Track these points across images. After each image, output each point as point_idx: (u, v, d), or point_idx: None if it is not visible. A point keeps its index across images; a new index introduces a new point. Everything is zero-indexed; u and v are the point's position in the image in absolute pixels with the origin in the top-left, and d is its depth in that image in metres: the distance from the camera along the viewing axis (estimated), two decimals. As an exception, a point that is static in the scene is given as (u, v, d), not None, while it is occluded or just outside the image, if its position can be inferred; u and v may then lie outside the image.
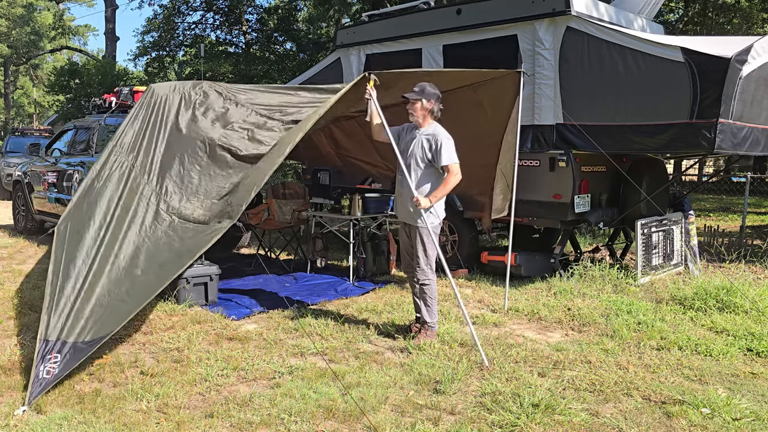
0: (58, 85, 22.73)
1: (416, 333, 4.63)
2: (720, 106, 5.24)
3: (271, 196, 7.57)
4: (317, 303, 5.65)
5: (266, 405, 3.45)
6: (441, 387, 3.69)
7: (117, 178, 4.56)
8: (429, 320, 4.60)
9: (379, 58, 7.81)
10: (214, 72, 22.59)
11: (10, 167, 14.88)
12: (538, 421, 3.26)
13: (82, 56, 35.31)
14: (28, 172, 9.73)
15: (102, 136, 7.76)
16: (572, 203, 6.16)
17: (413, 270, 4.60)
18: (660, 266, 6.68)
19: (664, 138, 5.61)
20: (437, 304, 4.72)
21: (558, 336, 4.79)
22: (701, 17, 18.39)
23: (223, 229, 4.17)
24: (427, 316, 4.60)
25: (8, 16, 37.15)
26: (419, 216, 4.41)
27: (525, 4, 6.38)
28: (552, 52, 6.26)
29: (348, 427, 3.25)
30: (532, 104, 6.35)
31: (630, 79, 5.74)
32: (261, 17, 25.36)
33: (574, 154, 6.20)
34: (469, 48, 6.91)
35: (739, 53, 5.28)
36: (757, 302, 5.31)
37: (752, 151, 5.77)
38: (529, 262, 6.53)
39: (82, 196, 4.53)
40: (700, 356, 4.33)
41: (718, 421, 3.30)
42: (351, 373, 3.92)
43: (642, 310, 5.21)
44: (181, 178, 4.68)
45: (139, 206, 4.43)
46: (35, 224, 9.52)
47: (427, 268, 4.55)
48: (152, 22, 25.74)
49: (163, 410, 3.39)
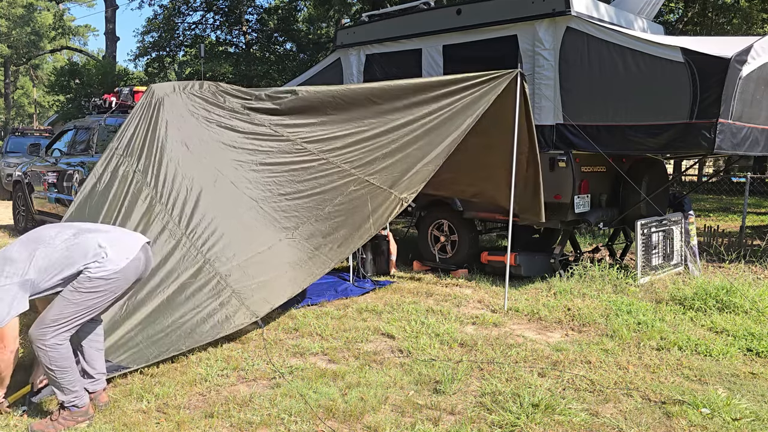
0: (58, 85, 22.77)
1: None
2: (720, 106, 5.24)
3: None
4: (317, 303, 5.65)
5: (266, 405, 3.45)
6: (441, 387, 3.69)
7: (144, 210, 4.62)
8: (63, 398, 3.17)
9: (379, 59, 7.81)
10: (215, 72, 22.60)
11: (10, 167, 14.89)
12: (538, 421, 3.26)
13: (82, 56, 35.36)
14: (28, 172, 9.73)
15: (102, 136, 7.76)
16: (572, 203, 6.16)
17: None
18: (660, 266, 6.68)
19: (664, 138, 5.61)
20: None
21: (558, 336, 4.79)
22: (701, 17, 18.40)
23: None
24: (60, 394, 3.19)
25: (8, 16, 37.16)
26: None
27: (525, 4, 6.38)
28: (552, 52, 6.26)
29: (348, 427, 3.25)
30: (532, 104, 6.34)
31: (630, 79, 5.74)
32: (261, 17, 25.38)
33: (574, 154, 6.21)
34: (469, 48, 6.91)
35: (739, 53, 5.28)
36: (757, 302, 5.31)
37: (752, 151, 5.77)
38: (529, 262, 6.54)
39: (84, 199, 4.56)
40: (700, 356, 4.33)
41: (718, 421, 3.30)
42: (351, 373, 3.92)
43: (642, 310, 5.21)
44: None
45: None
46: (35, 224, 9.52)
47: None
48: (152, 22, 25.76)
49: (163, 410, 3.39)
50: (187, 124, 5.02)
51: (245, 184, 4.97)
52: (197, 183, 4.80)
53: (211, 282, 4.40)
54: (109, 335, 3.89)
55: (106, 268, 3.12)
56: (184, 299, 4.25)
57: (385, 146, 5.01)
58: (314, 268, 4.76)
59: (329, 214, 4.91)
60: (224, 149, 5.03)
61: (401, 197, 4.87)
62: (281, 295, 4.60)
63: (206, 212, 4.69)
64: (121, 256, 3.18)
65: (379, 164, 4.97)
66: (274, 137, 5.14)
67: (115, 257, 3.16)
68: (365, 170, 4.99)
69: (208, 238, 4.58)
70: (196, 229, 4.59)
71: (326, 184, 4.99)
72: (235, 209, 4.84)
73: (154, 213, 4.57)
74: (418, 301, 5.69)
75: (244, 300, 4.40)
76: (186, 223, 4.59)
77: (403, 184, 4.91)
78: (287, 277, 4.70)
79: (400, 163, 4.96)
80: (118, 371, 3.76)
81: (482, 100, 5.01)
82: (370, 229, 4.81)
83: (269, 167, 5.06)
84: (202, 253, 4.49)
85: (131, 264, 3.22)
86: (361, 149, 5.05)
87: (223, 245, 4.60)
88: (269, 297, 4.55)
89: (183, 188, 4.74)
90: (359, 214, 4.87)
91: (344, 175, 5.00)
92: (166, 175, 4.75)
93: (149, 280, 4.23)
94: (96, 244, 3.16)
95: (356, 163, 5.02)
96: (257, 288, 4.53)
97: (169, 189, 4.70)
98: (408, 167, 4.94)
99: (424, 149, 4.95)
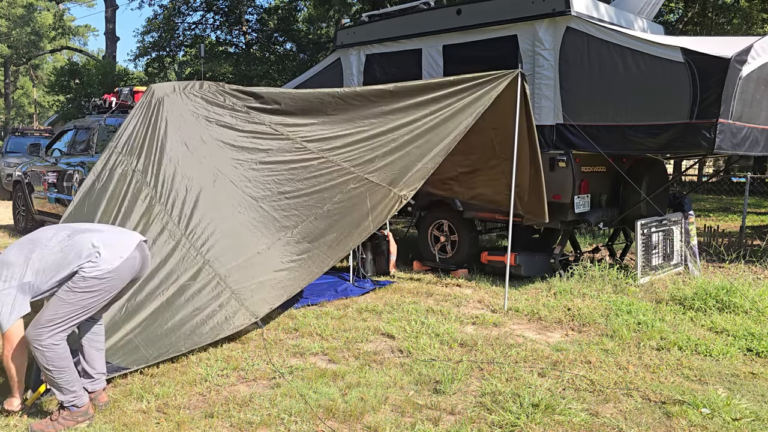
0: (58, 86, 22.77)
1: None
2: (720, 106, 5.24)
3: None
4: (317, 303, 5.65)
5: (266, 405, 3.45)
6: (441, 387, 3.69)
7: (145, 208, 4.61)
8: (62, 398, 3.18)
9: (379, 59, 7.81)
10: (215, 72, 22.61)
11: (10, 167, 14.88)
12: (538, 421, 3.26)
13: (82, 56, 35.36)
14: (28, 172, 9.73)
15: (102, 136, 7.76)
16: (572, 203, 6.16)
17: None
18: (660, 266, 6.68)
19: (664, 138, 5.61)
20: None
21: (558, 336, 4.79)
22: (701, 18, 18.40)
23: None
24: (59, 395, 3.19)
25: (8, 16, 37.17)
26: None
27: (525, 4, 6.38)
28: (552, 52, 6.26)
29: (348, 427, 3.25)
30: (532, 104, 6.35)
31: (630, 79, 5.74)
32: (261, 17, 25.39)
33: (573, 154, 6.21)
34: (469, 48, 6.91)
35: (739, 53, 5.28)
36: (757, 302, 5.31)
37: (752, 151, 5.77)
38: (529, 262, 6.54)
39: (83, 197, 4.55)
40: (700, 356, 4.33)
41: (718, 421, 3.30)
42: (351, 373, 3.92)
43: (642, 310, 5.21)
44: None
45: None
46: (35, 224, 9.51)
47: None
48: (152, 22, 25.77)
49: (163, 410, 3.39)
50: (187, 123, 5.02)
51: (245, 182, 4.97)
52: (197, 183, 4.80)
53: (210, 283, 4.39)
54: (110, 336, 3.88)
55: (100, 268, 3.12)
56: (184, 301, 4.25)
57: (384, 145, 5.02)
58: (314, 267, 4.76)
59: (328, 212, 4.92)
60: (224, 148, 5.03)
61: (400, 194, 4.88)
62: (281, 295, 4.61)
63: (206, 212, 4.69)
64: (114, 256, 3.18)
65: (378, 162, 4.98)
66: (274, 136, 5.14)
67: (108, 256, 3.15)
68: (365, 168, 4.99)
69: (208, 239, 4.58)
70: (196, 229, 4.59)
71: (326, 182, 5.00)
72: (235, 209, 4.84)
73: (153, 213, 4.57)
74: (418, 301, 5.69)
75: (244, 301, 4.40)
76: (185, 224, 4.59)
77: (403, 182, 4.92)
78: (287, 277, 4.70)
79: (400, 161, 4.96)
80: (119, 372, 3.76)
81: (483, 100, 5.02)
82: (369, 226, 4.81)
83: (269, 166, 5.06)
84: (202, 253, 4.48)
85: (125, 263, 3.21)
86: (361, 148, 5.05)
87: (223, 246, 4.60)
88: (269, 297, 4.55)
89: (182, 188, 4.74)
90: (358, 211, 4.88)
91: (344, 173, 5.00)
92: (166, 174, 4.75)
93: (149, 282, 4.23)
94: (90, 244, 3.17)
95: (356, 161, 5.03)
96: (256, 288, 4.53)
97: (169, 189, 4.70)
98: (407, 165, 4.95)
99: (424, 147, 4.96)
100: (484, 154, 6.22)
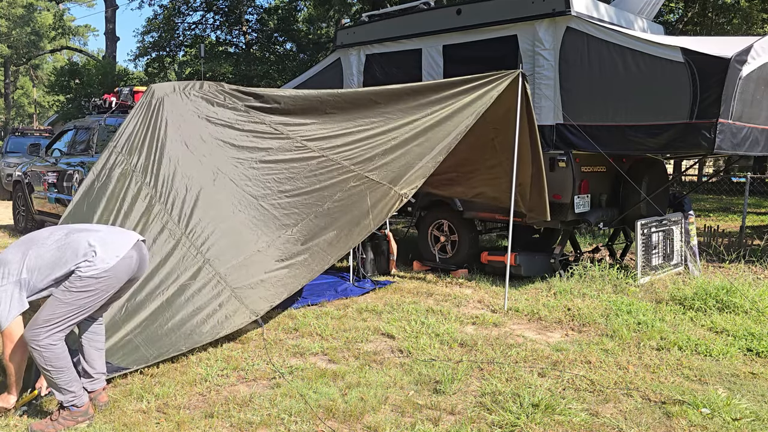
0: (58, 86, 22.78)
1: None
2: (720, 106, 5.24)
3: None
4: (317, 303, 5.65)
5: (266, 405, 3.45)
6: (441, 387, 3.69)
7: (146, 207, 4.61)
8: (62, 398, 3.17)
9: (379, 59, 7.81)
10: (215, 72, 22.60)
11: (10, 167, 14.88)
12: (538, 421, 3.26)
13: (82, 56, 35.37)
14: (28, 172, 9.73)
15: (102, 136, 7.76)
16: (572, 203, 6.16)
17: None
18: (660, 266, 6.68)
19: (664, 138, 5.61)
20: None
21: (558, 336, 4.79)
22: (701, 17, 18.41)
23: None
24: (58, 395, 3.18)
25: (8, 16, 37.17)
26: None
27: (525, 4, 6.38)
28: (552, 52, 6.26)
29: (348, 427, 3.25)
30: (532, 104, 6.35)
31: (630, 79, 5.74)
32: (261, 17, 25.40)
33: (573, 154, 6.21)
34: (469, 48, 6.91)
35: (739, 53, 5.28)
36: (757, 302, 5.31)
37: (752, 151, 5.77)
38: (529, 262, 6.54)
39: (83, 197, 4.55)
40: (700, 356, 4.33)
41: (718, 421, 3.30)
42: (351, 373, 3.92)
43: (642, 310, 5.21)
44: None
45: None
46: (35, 224, 9.52)
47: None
48: (152, 22, 25.78)
49: (163, 410, 3.39)
50: (187, 123, 5.02)
51: (245, 181, 4.97)
52: (197, 182, 4.79)
53: (210, 282, 4.39)
54: (110, 336, 3.88)
55: (96, 267, 3.11)
56: (184, 301, 4.24)
57: (385, 143, 5.02)
58: (314, 265, 4.76)
59: (328, 210, 4.91)
60: (224, 147, 5.03)
61: (401, 193, 4.88)
62: (281, 293, 4.60)
63: (206, 211, 4.69)
64: (110, 255, 3.17)
65: (379, 161, 4.98)
66: (274, 135, 5.14)
67: (104, 256, 3.15)
68: (365, 166, 4.99)
69: (208, 237, 4.58)
70: (196, 228, 4.59)
71: (326, 180, 5.00)
72: (235, 207, 4.84)
73: (153, 212, 4.57)
74: (418, 301, 5.69)
75: (244, 299, 4.40)
76: (185, 223, 4.59)
77: (403, 180, 4.92)
78: (287, 274, 4.70)
79: (400, 159, 4.97)
80: (119, 372, 3.76)
81: (483, 99, 5.02)
82: (369, 224, 4.80)
83: (269, 164, 5.06)
84: (202, 252, 4.48)
85: (122, 262, 3.20)
86: (362, 146, 5.05)
87: (223, 244, 4.60)
88: (269, 295, 4.55)
89: (182, 187, 4.74)
90: (359, 209, 4.88)
91: (344, 172, 5.00)
92: (166, 174, 4.75)
93: (149, 281, 4.23)
94: (86, 243, 3.16)
95: (356, 159, 5.03)
96: (256, 287, 4.53)
97: (169, 188, 4.70)
98: (408, 164, 4.95)
99: (425, 146, 4.96)
100: (484, 154, 6.23)
